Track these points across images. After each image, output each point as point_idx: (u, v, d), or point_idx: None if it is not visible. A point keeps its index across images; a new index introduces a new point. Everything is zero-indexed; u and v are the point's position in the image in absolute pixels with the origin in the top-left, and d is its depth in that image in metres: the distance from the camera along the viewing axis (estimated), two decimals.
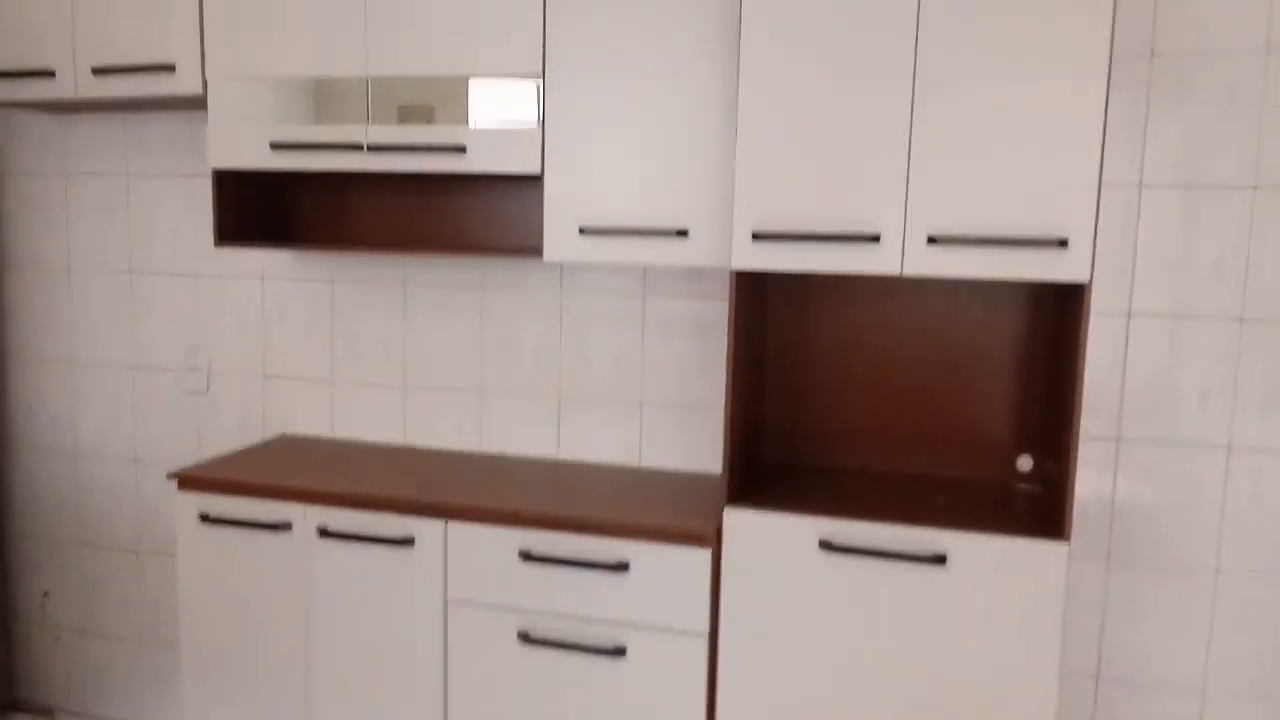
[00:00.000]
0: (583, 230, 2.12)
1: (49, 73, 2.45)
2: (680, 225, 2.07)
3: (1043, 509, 2.01)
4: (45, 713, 3.12)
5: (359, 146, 2.24)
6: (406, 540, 2.17)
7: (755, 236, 1.89)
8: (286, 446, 2.63)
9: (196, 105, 2.57)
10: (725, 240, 2.05)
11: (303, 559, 2.26)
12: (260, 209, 2.56)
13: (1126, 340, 2.17)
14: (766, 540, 1.94)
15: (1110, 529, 2.21)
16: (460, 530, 2.13)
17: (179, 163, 2.77)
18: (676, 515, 2.07)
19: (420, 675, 2.19)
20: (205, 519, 2.31)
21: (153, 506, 2.93)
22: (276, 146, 2.29)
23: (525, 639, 2.10)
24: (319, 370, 2.73)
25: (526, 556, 2.08)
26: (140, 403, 2.91)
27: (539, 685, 2.11)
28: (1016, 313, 2.17)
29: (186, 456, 2.88)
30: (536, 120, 2.13)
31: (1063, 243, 1.74)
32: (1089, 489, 2.22)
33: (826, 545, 1.90)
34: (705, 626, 2.00)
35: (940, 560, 1.85)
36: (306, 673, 2.29)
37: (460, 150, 2.17)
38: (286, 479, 2.29)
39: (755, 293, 2.17)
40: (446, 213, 2.55)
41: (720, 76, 2.02)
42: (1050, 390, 2.12)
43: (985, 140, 1.78)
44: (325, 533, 2.21)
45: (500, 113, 2.15)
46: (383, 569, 2.20)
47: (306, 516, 2.24)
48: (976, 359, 2.20)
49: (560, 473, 2.43)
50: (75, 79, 2.44)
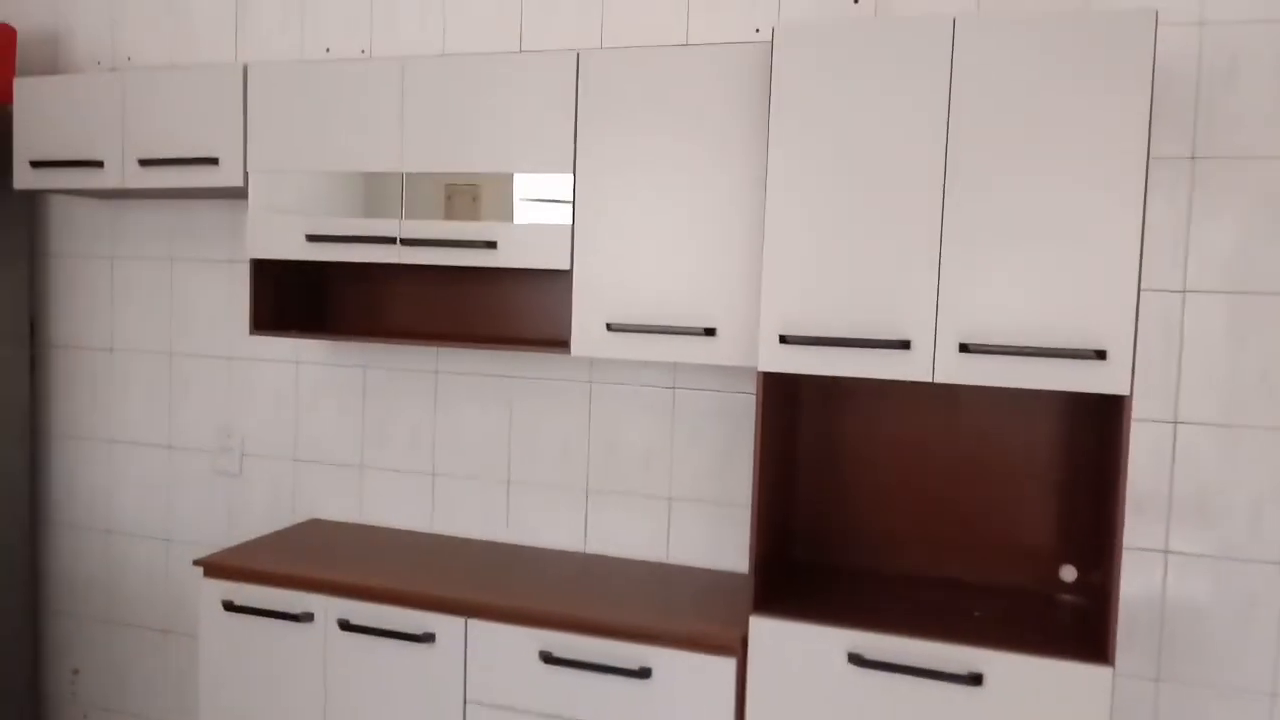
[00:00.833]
0: (610, 326, 2.10)
1: (98, 163, 2.52)
2: (708, 324, 2.05)
3: (1086, 625, 1.92)
4: None
5: (392, 240, 2.27)
6: (427, 636, 2.13)
7: (783, 339, 1.86)
8: (314, 532, 2.62)
9: (240, 194, 2.63)
10: (753, 340, 2.02)
11: (322, 650, 2.23)
12: (297, 295, 2.59)
13: (1174, 449, 2.09)
14: (793, 651, 1.88)
15: (1159, 646, 2.11)
16: (481, 628, 2.09)
17: (221, 249, 2.83)
18: (702, 620, 2.01)
19: None
20: (229, 607, 2.30)
21: (181, 587, 2.93)
22: (312, 238, 2.32)
23: None
24: (349, 455, 2.74)
25: (547, 658, 2.03)
26: (174, 483, 2.93)
27: None
28: (1058, 417, 2.10)
29: (217, 537, 2.88)
30: (567, 217, 2.14)
31: (1100, 354, 1.69)
32: (1137, 602, 2.12)
33: (856, 659, 1.83)
34: None
35: (976, 680, 1.77)
36: None
37: (491, 245, 2.19)
38: (310, 568, 2.28)
39: (786, 391, 2.14)
40: (479, 302, 2.56)
41: (749, 177, 2.02)
42: (1094, 498, 2.04)
43: (1018, 247, 1.74)
44: (346, 625, 2.19)
45: (532, 209, 2.16)
46: (402, 664, 2.16)
47: (328, 608, 2.21)
48: (1016, 463, 2.13)
49: (586, 568, 2.39)
50: (123, 170, 2.51)
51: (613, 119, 2.10)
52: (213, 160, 2.41)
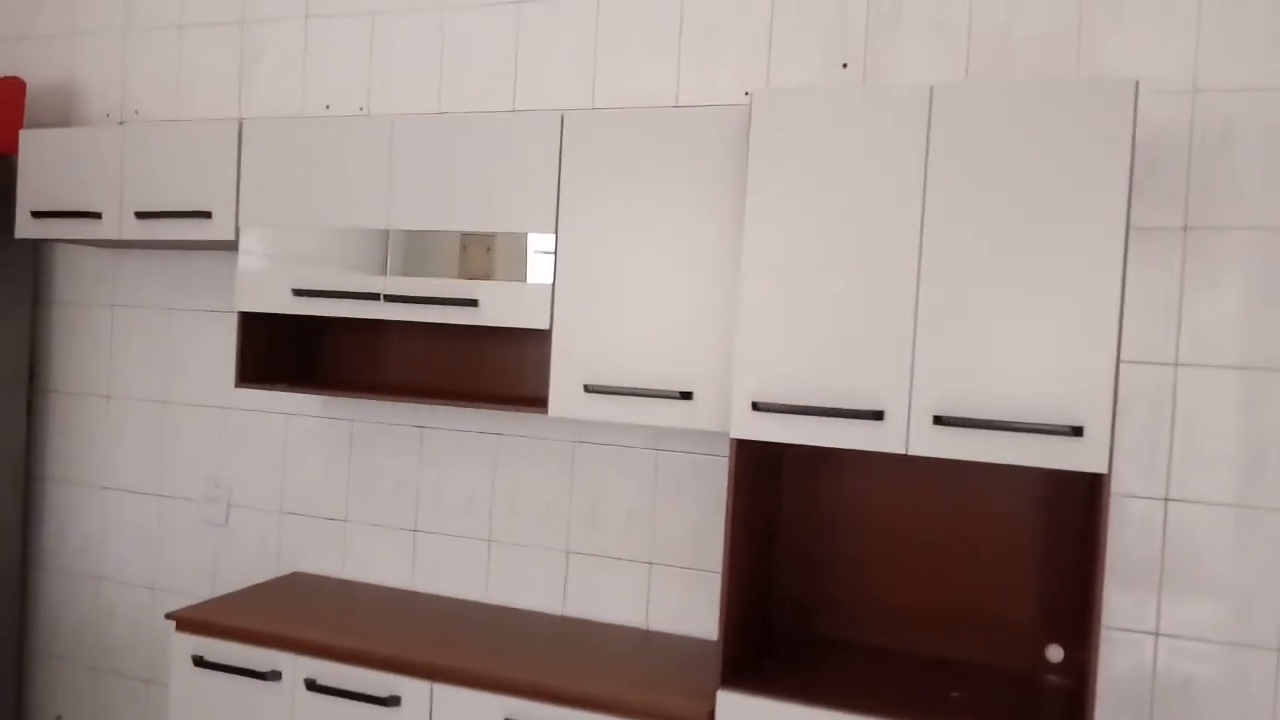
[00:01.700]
0: (588, 388, 2.08)
1: (96, 214, 2.56)
2: (685, 387, 2.02)
3: (1069, 709, 1.84)
4: None
5: (376, 296, 2.27)
6: (393, 699, 2.09)
7: (755, 406, 1.83)
8: (294, 586, 2.60)
9: (234, 247, 2.65)
10: (729, 405, 1.98)
11: (290, 710, 2.19)
12: (289, 346, 2.59)
13: (1164, 527, 2.02)
14: None
15: None
16: (447, 693, 2.05)
17: (216, 300, 2.85)
18: (671, 692, 1.95)
19: None
20: (198, 662, 2.27)
21: (164, 636, 2.91)
22: (299, 292, 2.33)
23: None
24: (334, 509, 2.72)
25: None
26: (164, 532, 2.92)
27: None
28: (1043, 488, 2.04)
29: (201, 588, 2.87)
30: (547, 278, 2.13)
31: (1077, 430, 1.64)
32: (1126, 684, 2.03)
33: None
34: None
35: None
36: None
37: (473, 303, 2.18)
38: (281, 625, 2.25)
39: (767, 456, 2.10)
40: (466, 358, 2.55)
41: (729, 241, 2.00)
42: (1081, 575, 1.97)
43: (995, 319, 1.71)
44: (313, 685, 2.15)
45: (513, 269, 2.16)
46: None
47: (296, 667, 2.18)
48: (1000, 536, 2.07)
49: (563, 631, 2.34)
50: (120, 221, 2.54)
51: (595, 180, 2.10)
52: (206, 214, 2.43)
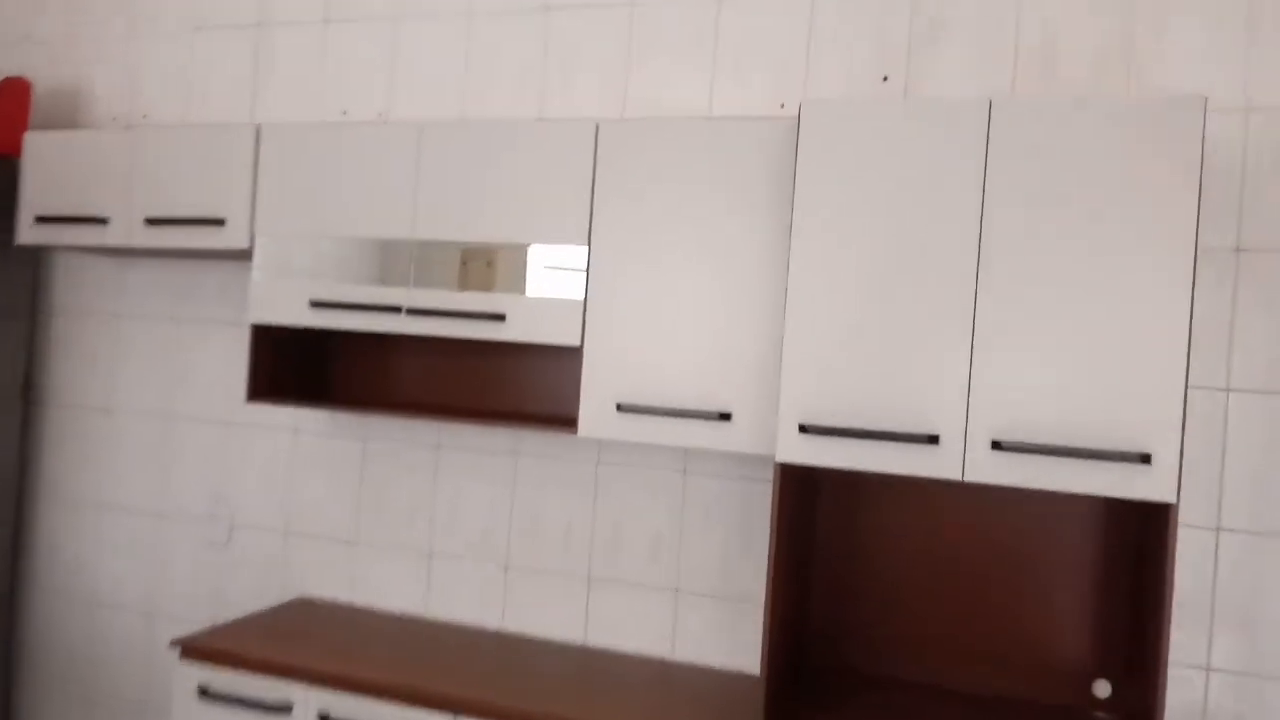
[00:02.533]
0: (620, 407, 2.00)
1: (103, 220, 2.46)
2: (723, 408, 1.95)
3: None
4: None
5: (399, 309, 2.18)
6: None
7: (803, 429, 1.75)
8: (301, 612, 2.49)
9: (246, 256, 2.57)
10: (771, 427, 1.91)
11: None
12: (298, 362, 2.50)
13: (1216, 557, 1.95)
14: None
15: None
16: None
17: (225, 311, 2.76)
18: None
19: None
20: (205, 693, 2.16)
21: (159, 664, 2.79)
22: (317, 304, 2.24)
23: None
24: (343, 530, 2.62)
25: None
26: (161, 552, 2.81)
27: None
28: (1094, 520, 1.97)
29: (199, 613, 2.75)
30: (579, 292, 2.05)
31: (1145, 457, 1.57)
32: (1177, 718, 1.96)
33: None
34: None
35: None
36: None
37: (500, 318, 2.10)
38: (292, 655, 2.15)
39: (803, 483, 2.02)
40: (486, 375, 2.46)
41: (770, 256, 1.93)
42: (1132, 607, 1.90)
43: (1058, 339, 1.64)
44: (326, 719, 2.05)
45: (543, 283, 2.08)
46: None
47: (309, 699, 2.07)
48: (1048, 568, 2.00)
49: (585, 663, 2.24)
50: (129, 228, 2.45)
51: (630, 192, 2.02)
52: (219, 221, 2.35)
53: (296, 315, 2.28)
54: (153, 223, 2.41)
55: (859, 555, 2.11)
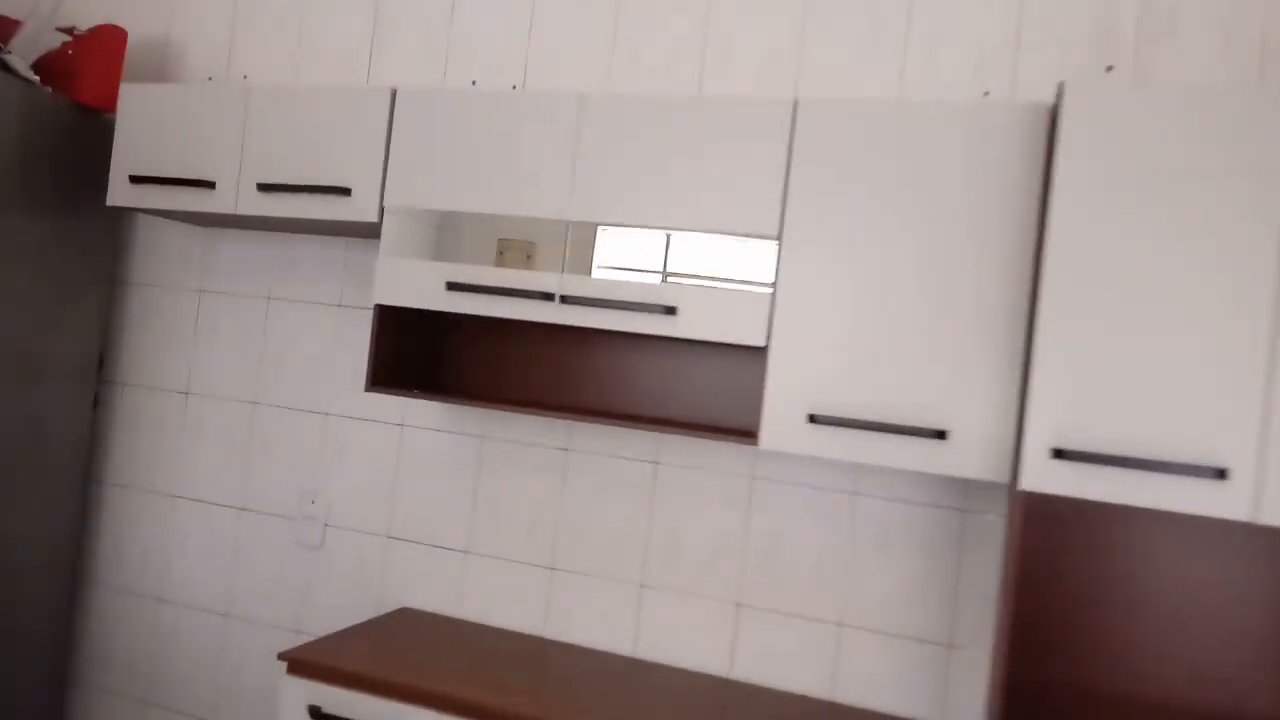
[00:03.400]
0: (814, 418, 1.77)
1: (209, 183, 2.23)
2: (939, 425, 1.72)
3: None
4: None
5: (551, 296, 1.95)
6: None
7: (1058, 453, 1.52)
8: (408, 626, 2.26)
9: (358, 232, 2.33)
10: (998, 448, 1.68)
11: None
12: (413, 351, 2.27)
13: None
14: None
15: None
16: None
17: (326, 291, 2.52)
18: None
19: None
20: (316, 714, 1.92)
21: (235, 671, 2.55)
22: (454, 287, 2.01)
23: None
24: (454, 538, 2.38)
25: None
26: (243, 550, 2.57)
27: None
28: None
29: (285, 618, 2.51)
30: (764, 287, 1.82)
31: None
32: None
33: None
34: None
35: None
36: None
37: (670, 311, 1.87)
38: (412, 675, 1.91)
39: (1044, 517, 1.79)
40: (625, 372, 2.23)
41: (997, 254, 1.70)
42: None
43: None
44: None
45: (718, 273, 1.85)
46: None
47: None
48: None
49: (731, 697, 2.01)
50: (238, 194, 2.21)
51: (829, 178, 1.80)
52: (345, 190, 2.11)
53: (430, 298, 2.05)
54: (265, 189, 2.17)
55: (1076, 600, 1.88)
